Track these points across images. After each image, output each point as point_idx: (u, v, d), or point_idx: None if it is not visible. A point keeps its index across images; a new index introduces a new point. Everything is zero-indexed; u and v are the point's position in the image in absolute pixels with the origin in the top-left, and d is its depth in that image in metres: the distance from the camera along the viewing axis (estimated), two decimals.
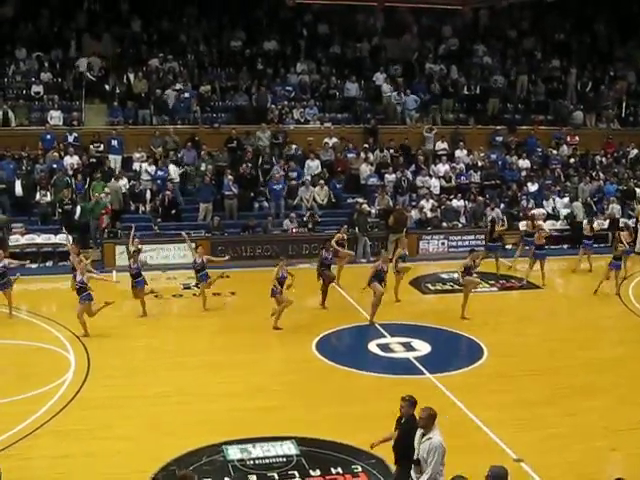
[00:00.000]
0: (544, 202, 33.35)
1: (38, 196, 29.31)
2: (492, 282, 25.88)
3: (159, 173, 30.98)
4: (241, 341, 19.35)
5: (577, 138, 36.68)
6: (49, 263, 27.71)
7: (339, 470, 13.47)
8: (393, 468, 12.91)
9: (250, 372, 18.12)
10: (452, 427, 15.10)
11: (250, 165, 31.61)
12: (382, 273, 21.61)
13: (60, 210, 28.92)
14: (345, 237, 25.84)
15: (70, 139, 31.54)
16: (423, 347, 20.01)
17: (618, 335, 21.43)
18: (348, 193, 32.36)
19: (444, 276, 27.05)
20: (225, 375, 17.96)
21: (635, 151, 36.91)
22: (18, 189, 29.70)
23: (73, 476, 12.81)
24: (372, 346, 19.82)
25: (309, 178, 32.08)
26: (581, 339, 20.75)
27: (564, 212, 32.85)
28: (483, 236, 30.16)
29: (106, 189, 29.30)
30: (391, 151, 34.03)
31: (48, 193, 29.35)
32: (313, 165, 32.57)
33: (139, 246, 23.94)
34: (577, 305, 24.52)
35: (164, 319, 21.39)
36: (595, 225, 29.59)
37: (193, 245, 24.06)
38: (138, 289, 22.18)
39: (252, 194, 31.38)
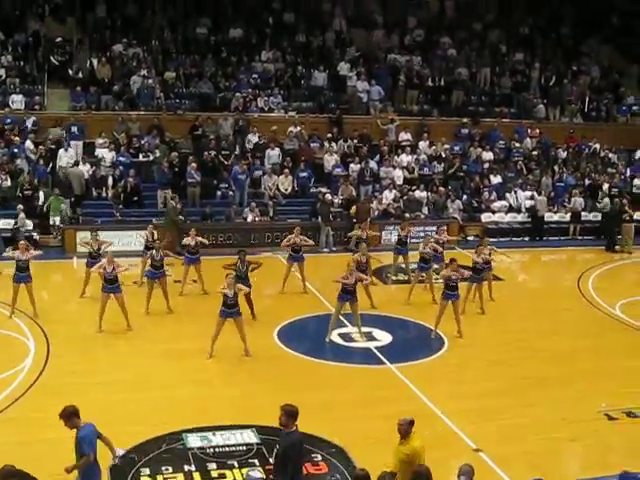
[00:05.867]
0: (506, 194, 33.56)
1: None
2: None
3: (121, 159, 30.78)
4: (203, 329, 19.21)
5: (537, 131, 36.92)
6: (9, 249, 27.40)
7: None
8: (355, 458, 13.00)
9: (211, 360, 18.08)
10: (413, 416, 15.22)
11: (214, 153, 31.52)
12: (362, 265, 21.41)
13: (20, 195, 28.67)
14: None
15: (29, 123, 31.27)
16: (384, 337, 20.09)
17: (577, 327, 21.60)
18: (312, 183, 32.34)
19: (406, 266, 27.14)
20: (186, 363, 17.92)
21: (597, 145, 37.21)
22: None
23: (32, 463, 12.66)
24: (334, 335, 19.80)
25: (269, 167, 32.03)
26: (540, 331, 20.90)
27: (526, 204, 33.05)
28: (445, 228, 30.29)
29: (62, 205, 28.75)
30: (355, 141, 34.05)
31: (8, 177, 29.02)
32: (273, 154, 32.49)
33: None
34: (537, 297, 24.68)
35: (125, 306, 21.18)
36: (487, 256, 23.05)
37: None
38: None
39: (215, 182, 31.28)
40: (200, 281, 23.21)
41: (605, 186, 34.45)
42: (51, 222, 28.36)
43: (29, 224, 28.00)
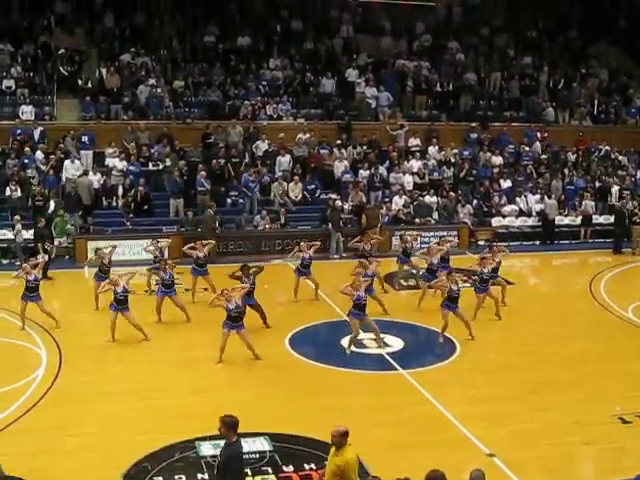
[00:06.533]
0: (516, 199, 33.53)
1: (8, 191, 29.03)
2: (464, 278, 25.85)
3: (131, 168, 30.85)
4: (215, 337, 19.19)
5: (546, 134, 36.84)
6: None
7: (312, 466, 13.45)
8: (368, 464, 12.95)
9: (223, 368, 18.09)
10: (425, 423, 15.23)
11: (223, 161, 31.56)
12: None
13: (32, 206, 28.72)
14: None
15: (36, 134, 31.37)
16: (396, 343, 20.04)
17: (589, 330, 21.45)
18: (322, 189, 32.37)
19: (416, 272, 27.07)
20: (198, 371, 17.93)
21: (607, 148, 37.11)
22: None
23: (46, 473, 12.74)
24: (345, 342, 19.75)
25: (280, 174, 32.10)
26: (552, 334, 20.80)
27: (537, 208, 33.00)
28: (455, 232, 30.37)
29: (68, 226, 28.51)
30: (364, 147, 34.06)
31: (18, 188, 29.08)
32: (284, 161, 32.55)
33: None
34: (549, 301, 24.61)
35: (136, 315, 21.15)
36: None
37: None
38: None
39: (224, 189, 31.28)
40: (212, 290, 23.12)
41: (615, 188, 34.36)
42: (56, 243, 27.76)
43: (25, 234, 27.79)
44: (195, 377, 17.58)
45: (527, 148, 36.10)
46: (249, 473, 13.16)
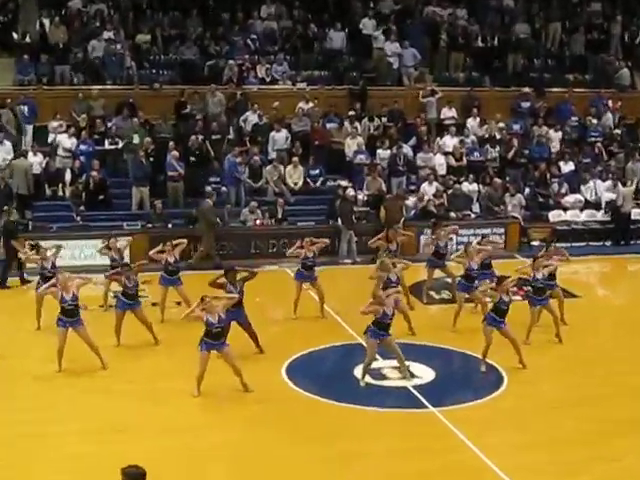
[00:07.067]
0: (581, 186, 33.60)
1: None
2: (514, 290, 25.90)
3: (82, 147, 30.95)
4: (191, 363, 19.43)
5: (620, 103, 36.89)
6: None
7: None
8: None
9: (202, 403, 18.22)
10: (461, 474, 15.30)
11: (201, 137, 31.63)
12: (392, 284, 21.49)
13: None
14: None
15: None
16: (425, 373, 20.11)
17: None
18: (329, 174, 32.49)
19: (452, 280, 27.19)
20: (170, 406, 17.95)
21: None
22: None
23: None
24: (359, 371, 19.87)
25: (274, 155, 32.20)
26: (627, 361, 20.83)
27: (607, 198, 33.06)
28: (502, 230, 30.45)
29: None
30: (384, 120, 34.14)
31: None
32: (279, 138, 32.68)
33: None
34: (622, 317, 24.63)
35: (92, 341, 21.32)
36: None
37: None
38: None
39: (203, 174, 31.38)
40: (186, 304, 23.18)
41: None
42: None
43: None
44: (166, 415, 17.61)
45: (595, 121, 36.16)
46: None
